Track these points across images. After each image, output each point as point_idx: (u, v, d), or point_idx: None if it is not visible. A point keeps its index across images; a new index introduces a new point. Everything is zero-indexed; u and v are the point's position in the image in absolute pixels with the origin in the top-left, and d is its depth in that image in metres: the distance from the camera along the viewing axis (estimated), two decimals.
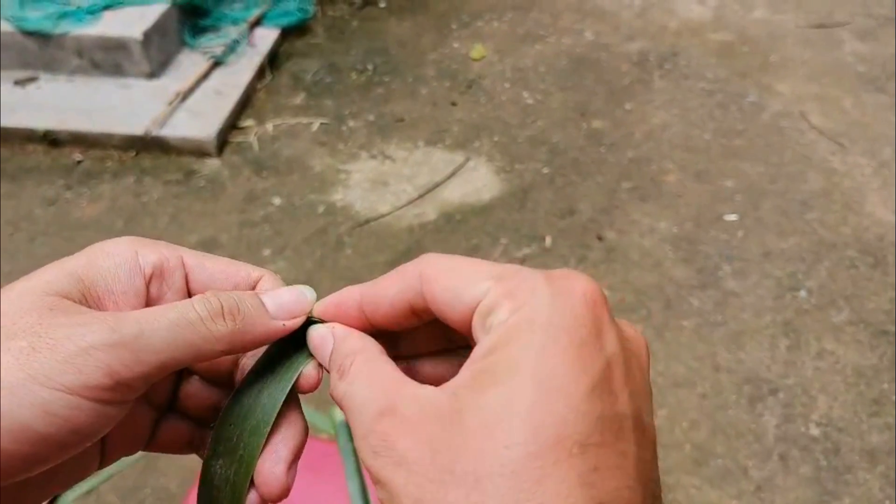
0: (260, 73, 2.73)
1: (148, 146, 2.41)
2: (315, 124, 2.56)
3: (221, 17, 2.86)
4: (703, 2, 3.18)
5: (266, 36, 2.87)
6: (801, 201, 2.22)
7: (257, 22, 2.91)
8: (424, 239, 2.12)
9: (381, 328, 0.30)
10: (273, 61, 2.82)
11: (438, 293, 0.27)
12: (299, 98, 2.68)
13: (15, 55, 2.58)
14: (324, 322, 0.31)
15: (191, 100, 2.53)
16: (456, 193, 2.27)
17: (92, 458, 0.30)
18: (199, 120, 2.45)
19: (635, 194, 2.25)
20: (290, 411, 0.31)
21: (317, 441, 0.94)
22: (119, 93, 2.55)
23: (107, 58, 2.58)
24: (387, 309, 0.29)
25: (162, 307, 0.28)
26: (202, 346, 0.28)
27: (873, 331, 1.85)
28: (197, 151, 2.40)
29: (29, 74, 2.60)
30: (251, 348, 0.30)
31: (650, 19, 3.07)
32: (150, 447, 0.33)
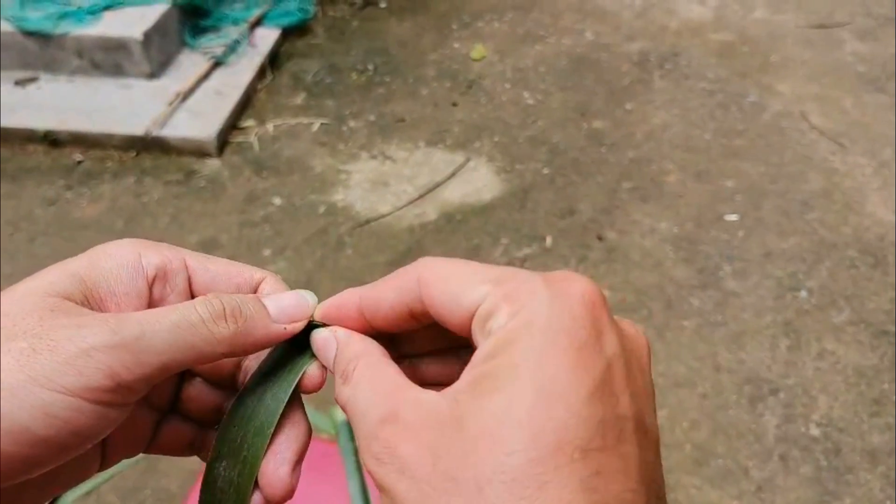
0: (260, 74, 2.73)
1: (148, 146, 2.41)
2: (315, 124, 2.56)
3: (222, 18, 2.86)
4: (704, 2, 3.18)
5: (266, 36, 2.87)
6: (802, 201, 2.22)
7: (258, 22, 2.91)
8: (425, 239, 2.12)
9: (382, 331, 0.30)
10: (273, 61, 2.82)
11: (437, 298, 0.27)
12: (300, 98, 2.68)
13: (15, 55, 2.58)
14: (326, 325, 0.31)
15: (191, 100, 2.53)
16: (456, 194, 2.27)
17: (92, 460, 0.30)
18: (200, 120, 2.45)
19: (636, 194, 2.25)
20: (294, 412, 0.31)
21: (317, 441, 0.94)
22: (119, 93, 2.55)
23: (107, 58, 2.58)
24: (386, 313, 0.29)
25: (164, 309, 0.28)
26: (203, 349, 0.28)
27: (874, 331, 1.85)
28: (197, 152, 2.40)
29: (29, 75, 2.60)
30: (252, 351, 0.30)
31: (650, 19, 3.07)
32: (151, 449, 0.33)
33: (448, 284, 0.27)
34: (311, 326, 0.31)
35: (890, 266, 2.01)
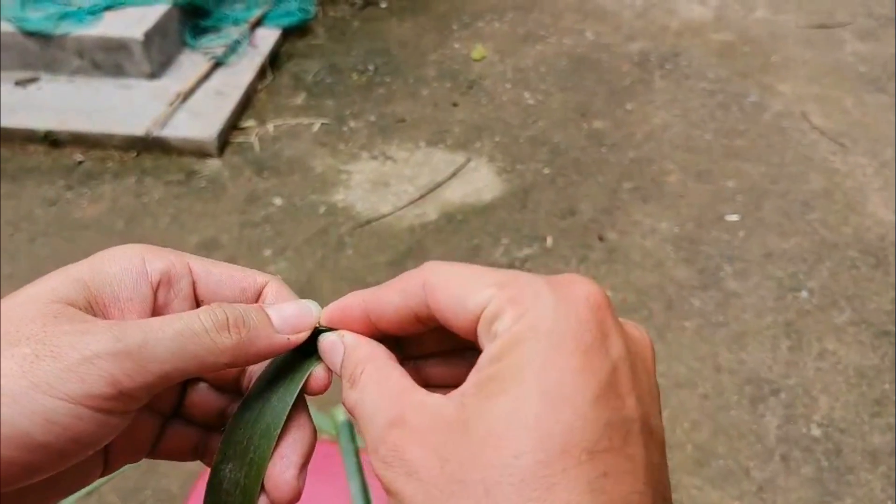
0: (261, 74, 2.73)
1: (149, 147, 2.41)
2: (316, 125, 2.56)
3: (222, 18, 2.86)
4: (705, 2, 3.17)
5: (267, 36, 2.87)
6: (803, 201, 2.22)
7: (258, 22, 2.91)
8: (425, 239, 2.12)
9: (387, 334, 0.30)
10: (274, 62, 2.82)
11: (442, 301, 0.27)
12: (300, 98, 2.68)
13: (16, 56, 2.58)
14: (332, 329, 0.31)
15: (192, 100, 2.53)
16: (457, 194, 2.27)
17: (94, 466, 0.30)
18: (200, 120, 2.45)
19: (636, 195, 2.25)
20: (299, 415, 0.31)
21: (318, 441, 0.93)
22: (120, 93, 2.55)
23: (108, 58, 2.58)
24: (391, 316, 0.29)
25: (167, 317, 0.28)
26: (206, 358, 0.28)
27: (875, 331, 1.84)
28: (198, 152, 2.40)
29: (30, 75, 2.60)
30: (255, 362, 0.30)
31: (651, 19, 3.07)
32: (154, 454, 0.33)
33: (453, 288, 0.27)
34: (317, 330, 0.31)
35: (891, 266, 2.01)
